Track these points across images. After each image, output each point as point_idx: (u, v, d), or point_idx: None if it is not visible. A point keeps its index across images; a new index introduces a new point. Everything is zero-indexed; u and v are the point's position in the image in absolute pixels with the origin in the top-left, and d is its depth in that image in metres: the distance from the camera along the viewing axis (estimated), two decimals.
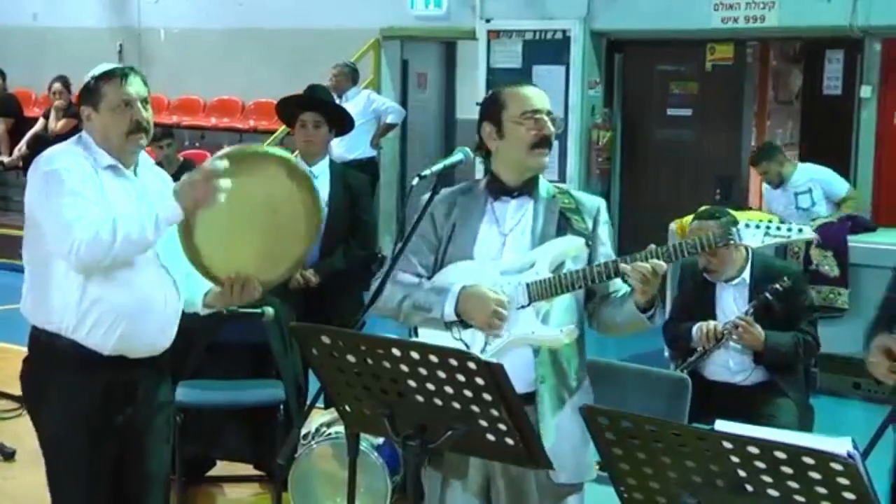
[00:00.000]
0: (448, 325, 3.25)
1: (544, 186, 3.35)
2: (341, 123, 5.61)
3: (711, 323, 4.93)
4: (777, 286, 4.87)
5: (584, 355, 3.33)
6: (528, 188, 3.31)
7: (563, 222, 3.26)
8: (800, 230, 3.12)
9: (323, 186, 5.34)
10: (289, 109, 5.51)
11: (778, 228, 3.11)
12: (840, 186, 8.18)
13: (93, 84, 3.50)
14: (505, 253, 3.26)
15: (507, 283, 3.21)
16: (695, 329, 4.94)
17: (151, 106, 3.59)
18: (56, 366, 3.46)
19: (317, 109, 5.39)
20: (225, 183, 3.29)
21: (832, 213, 7.80)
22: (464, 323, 3.22)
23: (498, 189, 3.32)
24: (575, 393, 3.24)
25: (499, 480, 3.24)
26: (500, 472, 3.22)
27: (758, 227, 3.11)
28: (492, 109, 3.32)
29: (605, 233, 3.33)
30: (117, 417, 3.51)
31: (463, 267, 3.28)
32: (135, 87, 3.49)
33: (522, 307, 3.19)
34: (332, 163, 5.51)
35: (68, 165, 3.39)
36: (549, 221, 3.27)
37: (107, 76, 3.50)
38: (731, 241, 3.14)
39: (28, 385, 3.58)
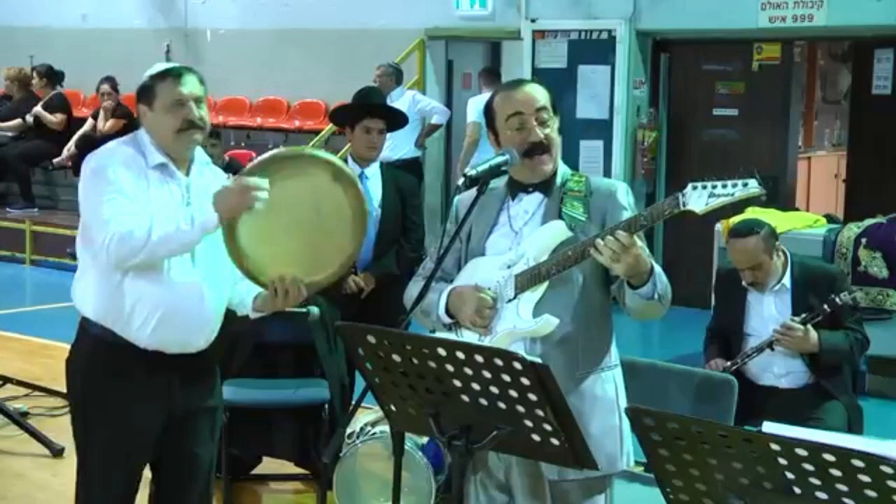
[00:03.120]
0: (448, 328, 3.25)
1: (561, 176, 3.28)
2: (397, 125, 5.68)
3: (718, 361, 4.92)
4: (837, 299, 4.79)
5: (594, 349, 3.21)
6: (544, 184, 3.27)
7: (559, 208, 3.20)
8: (745, 184, 2.88)
9: (375, 188, 5.38)
10: (350, 116, 5.51)
11: (724, 186, 2.90)
12: None
13: (149, 83, 3.56)
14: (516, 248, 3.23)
15: (502, 276, 3.19)
16: (710, 364, 4.94)
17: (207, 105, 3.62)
18: (96, 355, 3.52)
19: (383, 116, 5.43)
20: (263, 193, 3.31)
21: None
22: (461, 324, 3.22)
23: (514, 187, 3.30)
24: (571, 392, 3.05)
25: (515, 472, 3.20)
26: (515, 463, 3.19)
27: (703, 187, 2.91)
28: (488, 118, 3.31)
29: (620, 216, 3.14)
30: (154, 412, 3.54)
31: (473, 265, 3.28)
32: (188, 86, 3.52)
33: (510, 300, 3.16)
34: (381, 164, 5.53)
35: (115, 164, 3.44)
36: (552, 212, 3.22)
37: (162, 75, 3.55)
38: (678, 209, 2.94)
39: (70, 372, 3.64)
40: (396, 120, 5.64)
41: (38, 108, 12.43)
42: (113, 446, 3.54)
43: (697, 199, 2.93)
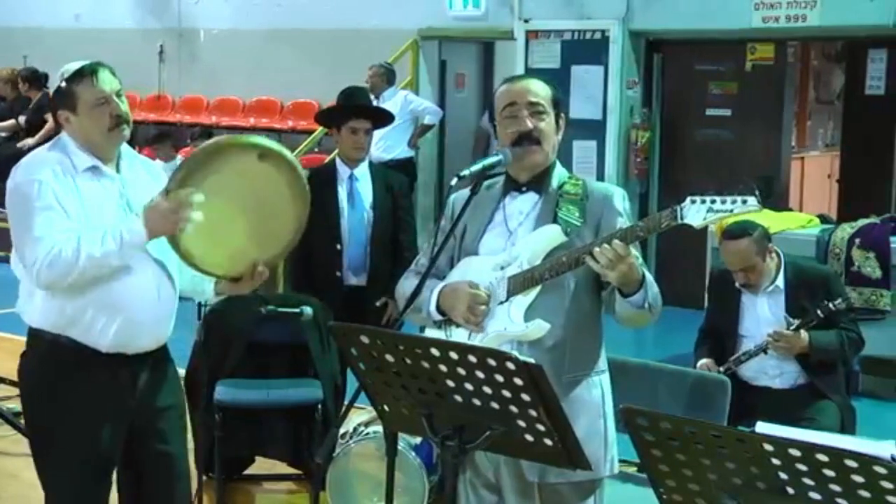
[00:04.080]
0: (438, 325, 3.24)
1: (557, 177, 3.27)
2: (384, 123, 5.66)
3: (708, 363, 4.93)
4: (831, 305, 4.80)
5: (583, 355, 3.20)
6: (537, 183, 3.26)
7: (555, 212, 3.19)
8: (744, 201, 2.89)
9: (366, 190, 5.37)
10: (335, 118, 5.49)
11: (723, 202, 2.90)
12: None
13: (65, 87, 3.46)
14: (510, 249, 3.22)
15: (496, 278, 3.18)
16: (698, 365, 4.94)
17: (126, 97, 3.55)
18: (57, 364, 3.47)
19: (368, 116, 5.42)
20: (196, 214, 3.28)
21: None
22: (451, 321, 3.21)
23: (509, 185, 3.29)
24: (564, 397, 3.00)
25: (504, 472, 3.20)
26: (503, 463, 3.19)
27: (703, 201, 2.91)
28: (491, 111, 3.32)
29: (615, 222, 3.16)
30: (119, 416, 3.50)
31: (466, 264, 3.27)
32: (107, 82, 3.45)
33: (501, 303, 3.15)
34: (371, 163, 5.52)
35: (44, 176, 3.35)
36: (547, 214, 3.20)
37: (77, 76, 3.45)
38: (675, 222, 2.95)
39: (27, 383, 3.58)
40: (382, 119, 5.62)
41: (22, 119, 12.48)
42: (81, 454, 3.47)
43: (696, 213, 2.93)
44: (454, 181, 3.15)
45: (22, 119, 12.47)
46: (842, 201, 10.99)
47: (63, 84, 3.47)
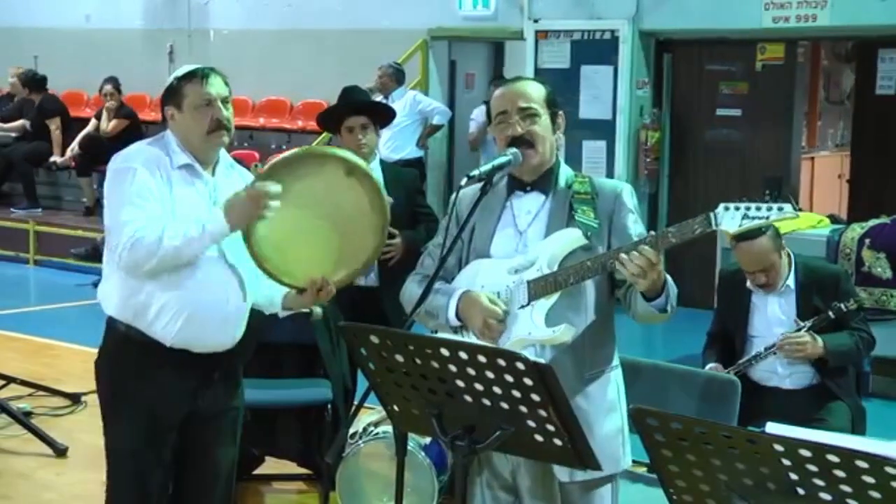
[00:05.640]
0: (455, 330, 3.24)
1: (564, 176, 3.27)
2: (385, 118, 5.57)
3: (716, 367, 4.92)
4: (842, 305, 4.78)
5: (600, 352, 3.21)
6: (542, 182, 3.26)
7: (570, 214, 3.18)
8: (780, 208, 2.89)
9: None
10: (332, 118, 5.43)
11: (758, 209, 2.90)
12: None
13: (175, 84, 3.58)
14: (522, 250, 3.21)
15: (512, 281, 3.17)
16: (707, 368, 4.93)
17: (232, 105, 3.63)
18: (124, 352, 3.54)
19: (361, 112, 5.32)
20: (274, 202, 3.34)
21: None
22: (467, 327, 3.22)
23: (513, 185, 3.29)
24: (578, 393, 3.09)
25: (523, 472, 3.20)
26: (524, 464, 3.18)
27: (737, 208, 2.91)
28: (489, 118, 3.34)
29: (626, 220, 3.19)
30: (180, 411, 3.57)
31: (476, 267, 3.26)
32: (215, 87, 3.55)
33: (523, 307, 3.14)
34: (382, 162, 5.50)
35: (139, 165, 3.46)
36: (560, 215, 3.20)
37: (189, 76, 3.56)
38: (709, 229, 2.94)
39: (98, 372, 3.66)
40: (380, 114, 5.42)
41: (23, 122, 12.57)
42: (140, 444, 3.55)
43: (731, 219, 2.93)
44: (464, 181, 3.16)
45: (27, 122, 12.57)
46: (852, 201, 10.96)
47: (174, 82, 3.58)
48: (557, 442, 2.67)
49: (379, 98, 9.34)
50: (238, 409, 3.78)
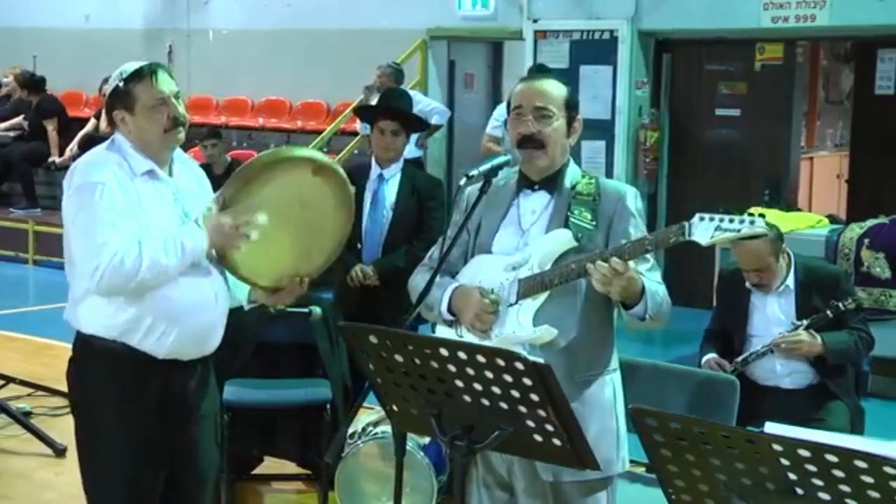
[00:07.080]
0: (449, 324, 3.25)
1: (571, 176, 3.27)
2: (417, 127, 5.74)
3: (714, 358, 4.91)
4: (840, 305, 4.79)
5: (595, 355, 3.21)
6: (549, 182, 3.26)
7: (567, 214, 3.19)
8: (752, 222, 2.91)
9: (391, 191, 5.41)
10: (368, 113, 5.58)
11: (731, 221, 2.92)
12: None
13: (123, 86, 3.43)
14: (522, 248, 3.21)
15: (507, 278, 3.17)
16: (703, 361, 4.93)
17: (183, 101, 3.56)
18: (110, 370, 3.42)
19: (396, 118, 5.43)
20: (254, 234, 3.32)
21: None
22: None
23: (522, 182, 3.29)
24: (572, 396, 2.98)
25: (516, 470, 3.20)
26: (516, 462, 3.19)
27: (711, 219, 2.94)
28: (508, 109, 3.34)
29: (626, 224, 3.18)
30: (170, 421, 3.48)
31: (478, 262, 3.27)
32: (166, 83, 3.42)
33: (511, 305, 3.15)
34: (405, 164, 5.55)
35: (105, 179, 3.31)
36: (559, 216, 3.20)
37: (136, 77, 3.42)
38: (682, 238, 2.96)
39: (78, 388, 3.55)
40: (411, 123, 5.60)
41: (20, 120, 12.59)
42: (134, 463, 3.45)
43: (704, 230, 2.94)
44: (463, 181, 3.17)
45: (24, 122, 12.56)
46: (851, 201, 10.96)
47: (121, 84, 3.44)
48: (556, 442, 2.67)
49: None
50: (217, 410, 3.73)
